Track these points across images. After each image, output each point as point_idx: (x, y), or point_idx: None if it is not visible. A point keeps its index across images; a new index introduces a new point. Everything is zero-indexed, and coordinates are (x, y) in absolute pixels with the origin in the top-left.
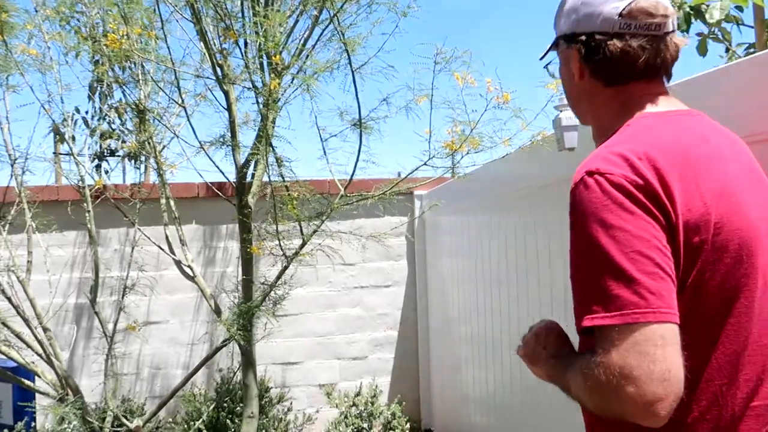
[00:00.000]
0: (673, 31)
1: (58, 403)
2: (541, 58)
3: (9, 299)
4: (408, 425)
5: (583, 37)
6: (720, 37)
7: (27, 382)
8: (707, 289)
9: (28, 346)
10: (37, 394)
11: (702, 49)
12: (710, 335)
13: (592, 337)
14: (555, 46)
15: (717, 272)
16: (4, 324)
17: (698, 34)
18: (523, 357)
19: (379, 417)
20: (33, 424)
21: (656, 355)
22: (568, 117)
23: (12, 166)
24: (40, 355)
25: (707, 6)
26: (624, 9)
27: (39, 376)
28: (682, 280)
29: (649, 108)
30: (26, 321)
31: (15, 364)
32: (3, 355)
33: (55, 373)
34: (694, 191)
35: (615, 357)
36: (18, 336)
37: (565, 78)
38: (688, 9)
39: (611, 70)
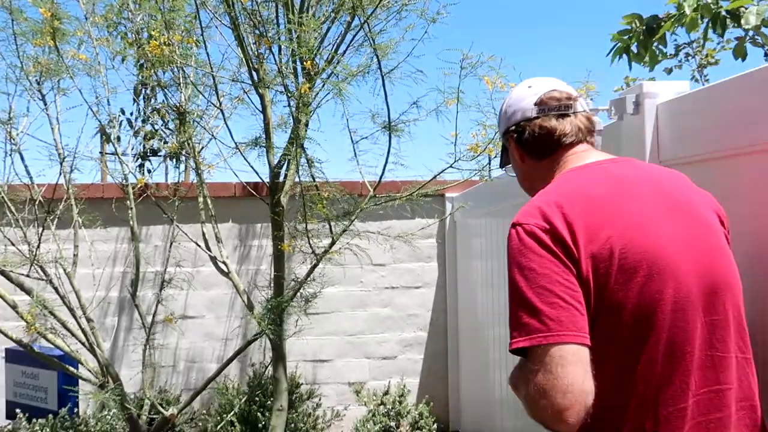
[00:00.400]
0: (582, 111)
1: (99, 390)
2: (501, 166)
3: (56, 289)
4: (435, 426)
5: (513, 127)
6: (759, 41)
7: (72, 369)
8: (625, 306)
9: (73, 334)
10: (79, 382)
11: (739, 53)
12: (635, 346)
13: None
14: (503, 148)
15: (630, 290)
16: (52, 313)
17: (736, 38)
18: (512, 387)
19: (406, 416)
20: (76, 410)
21: (558, 373)
22: (595, 121)
23: (61, 164)
24: (83, 344)
25: (744, 10)
26: (537, 100)
27: (82, 364)
28: (598, 303)
29: (572, 165)
30: (71, 311)
31: (60, 353)
32: (49, 342)
33: (98, 362)
34: (597, 227)
35: (531, 376)
36: (63, 325)
37: (515, 166)
38: (724, 12)
39: (539, 146)
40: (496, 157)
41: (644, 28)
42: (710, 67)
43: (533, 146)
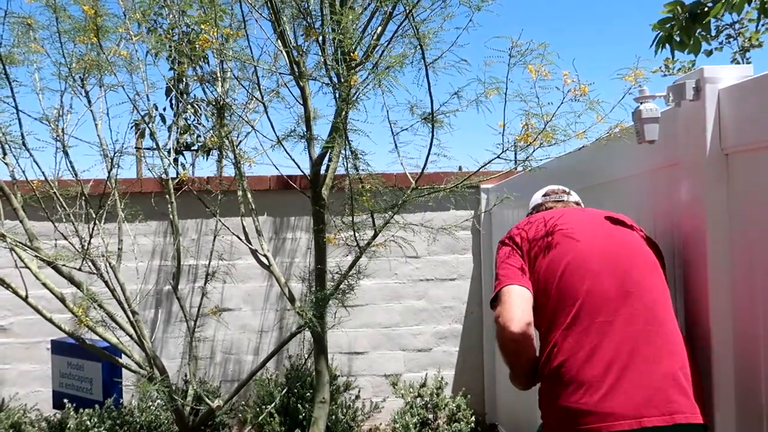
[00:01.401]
0: (575, 202)
1: (146, 381)
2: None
3: (106, 283)
4: (473, 418)
5: (530, 211)
6: None
7: (120, 360)
8: (542, 273)
9: (121, 327)
10: (123, 374)
11: None
12: (546, 296)
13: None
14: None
15: (545, 267)
16: (101, 306)
17: None
18: (512, 381)
19: (444, 409)
20: (120, 400)
21: (505, 302)
22: (649, 108)
23: (112, 160)
24: (131, 336)
25: None
26: (544, 193)
27: (129, 356)
28: (531, 270)
29: (545, 214)
30: (120, 304)
31: (106, 344)
32: (98, 335)
33: (145, 354)
34: (540, 234)
35: (495, 311)
36: (112, 317)
37: None
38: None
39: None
40: (541, 146)
41: (687, 15)
42: (753, 50)
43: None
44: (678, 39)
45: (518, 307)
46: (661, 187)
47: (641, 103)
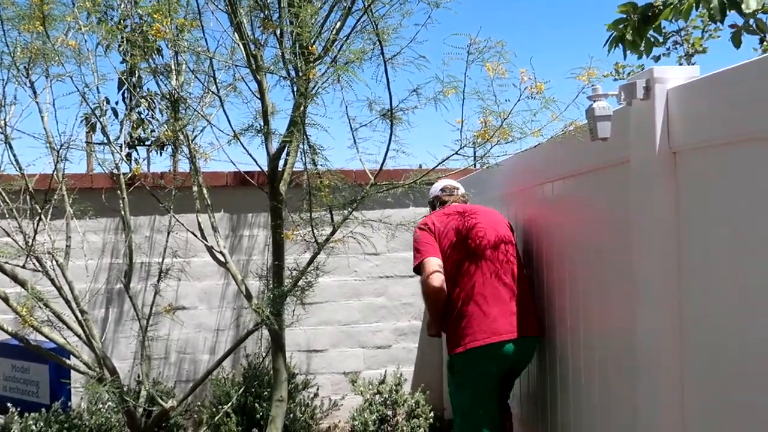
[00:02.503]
0: (461, 195)
1: (96, 382)
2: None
3: (52, 281)
4: (432, 414)
5: (431, 199)
6: (755, 28)
7: (68, 361)
8: (449, 255)
9: (68, 327)
10: (72, 376)
11: (737, 41)
12: (453, 269)
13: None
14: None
15: (452, 249)
16: (47, 305)
17: (731, 26)
18: (428, 331)
19: (403, 405)
20: (69, 403)
21: (426, 267)
22: (602, 107)
23: (58, 153)
24: (79, 336)
25: None
26: (441, 188)
27: (77, 357)
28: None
29: (445, 209)
30: (68, 303)
31: (53, 345)
32: (44, 336)
33: (94, 354)
34: (446, 226)
35: (421, 275)
36: (59, 317)
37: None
38: None
39: (439, 205)
40: (498, 143)
41: (639, 16)
42: (697, 55)
43: (436, 206)
44: (630, 39)
45: (437, 269)
46: (614, 183)
47: (594, 102)
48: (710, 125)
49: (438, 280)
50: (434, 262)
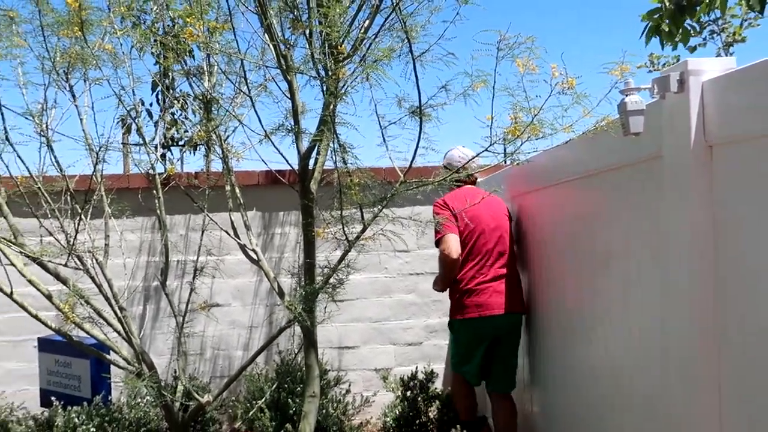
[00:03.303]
0: (477, 167)
1: (135, 377)
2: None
3: (93, 279)
4: None
5: (447, 165)
6: None
7: (108, 357)
8: (464, 234)
9: (109, 323)
10: (112, 371)
11: None
12: (468, 247)
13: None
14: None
15: (467, 228)
16: (88, 302)
17: None
18: (434, 286)
19: (434, 402)
20: (109, 397)
21: (445, 242)
22: (634, 101)
23: (97, 155)
24: (118, 332)
25: None
26: (460, 156)
27: (117, 353)
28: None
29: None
30: (108, 300)
31: (94, 341)
32: (85, 332)
33: (133, 350)
34: (459, 209)
35: (441, 250)
36: (99, 314)
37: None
38: None
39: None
40: (529, 140)
41: (675, 6)
42: (737, 44)
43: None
44: (666, 30)
45: (455, 244)
46: (646, 179)
47: (627, 96)
48: (748, 118)
49: (456, 253)
50: (453, 238)
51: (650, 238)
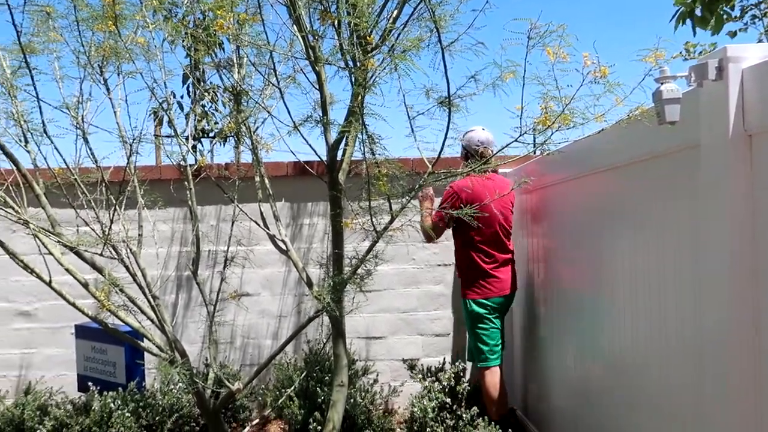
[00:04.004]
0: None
1: (167, 364)
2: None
3: (127, 268)
4: None
5: (466, 147)
6: None
7: (142, 344)
8: (477, 226)
9: (142, 312)
10: (145, 358)
11: None
12: (477, 236)
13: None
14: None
15: (481, 219)
16: (122, 291)
17: None
18: (420, 198)
19: (462, 393)
20: (143, 383)
21: (435, 229)
22: (670, 89)
23: (130, 147)
24: (152, 320)
25: None
26: (479, 140)
27: (150, 340)
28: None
29: (477, 181)
30: (141, 288)
31: (128, 328)
32: (120, 320)
33: (166, 338)
34: (473, 199)
35: (430, 227)
36: (133, 302)
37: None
38: None
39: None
40: (559, 129)
41: None
42: None
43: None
44: (699, 14)
45: (440, 231)
46: (681, 169)
47: (662, 84)
48: None
49: (437, 237)
50: (440, 228)
51: (686, 230)
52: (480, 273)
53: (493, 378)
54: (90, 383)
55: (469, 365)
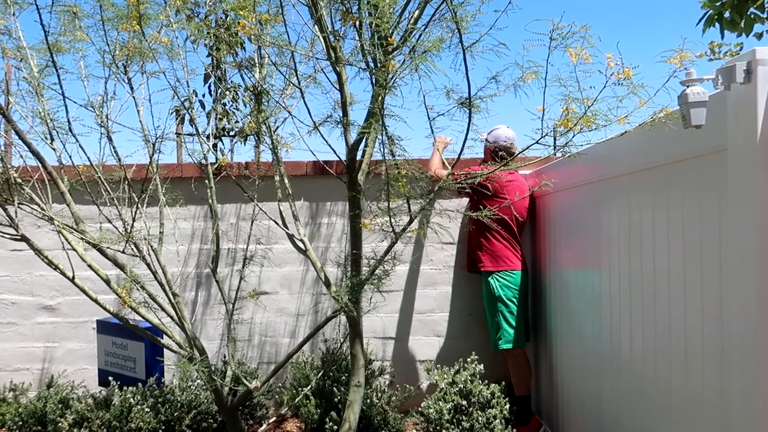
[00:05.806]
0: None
1: (186, 361)
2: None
3: (148, 265)
4: (507, 406)
5: (494, 143)
6: None
7: (162, 341)
8: (504, 219)
9: (162, 308)
10: (165, 354)
11: None
12: (500, 226)
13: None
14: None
15: (504, 213)
16: (143, 287)
17: None
18: (437, 143)
19: (478, 396)
20: (162, 379)
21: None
22: (696, 92)
23: (153, 146)
24: (171, 317)
25: None
26: (506, 136)
27: (170, 337)
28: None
29: (504, 178)
30: (162, 285)
31: (148, 325)
32: (141, 316)
33: (185, 335)
34: (499, 193)
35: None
36: (153, 299)
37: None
38: None
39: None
40: (581, 131)
41: None
42: None
43: (497, 156)
44: (728, 17)
45: (438, 169)
46: (708, 174)
47: (688, 87)
48: None
49: (435, 170)
50: (442, 171)
51: (712, 235)
52: (498, 248)
53: (519, 359)
54: (110, 378)
55: (485, 365)
